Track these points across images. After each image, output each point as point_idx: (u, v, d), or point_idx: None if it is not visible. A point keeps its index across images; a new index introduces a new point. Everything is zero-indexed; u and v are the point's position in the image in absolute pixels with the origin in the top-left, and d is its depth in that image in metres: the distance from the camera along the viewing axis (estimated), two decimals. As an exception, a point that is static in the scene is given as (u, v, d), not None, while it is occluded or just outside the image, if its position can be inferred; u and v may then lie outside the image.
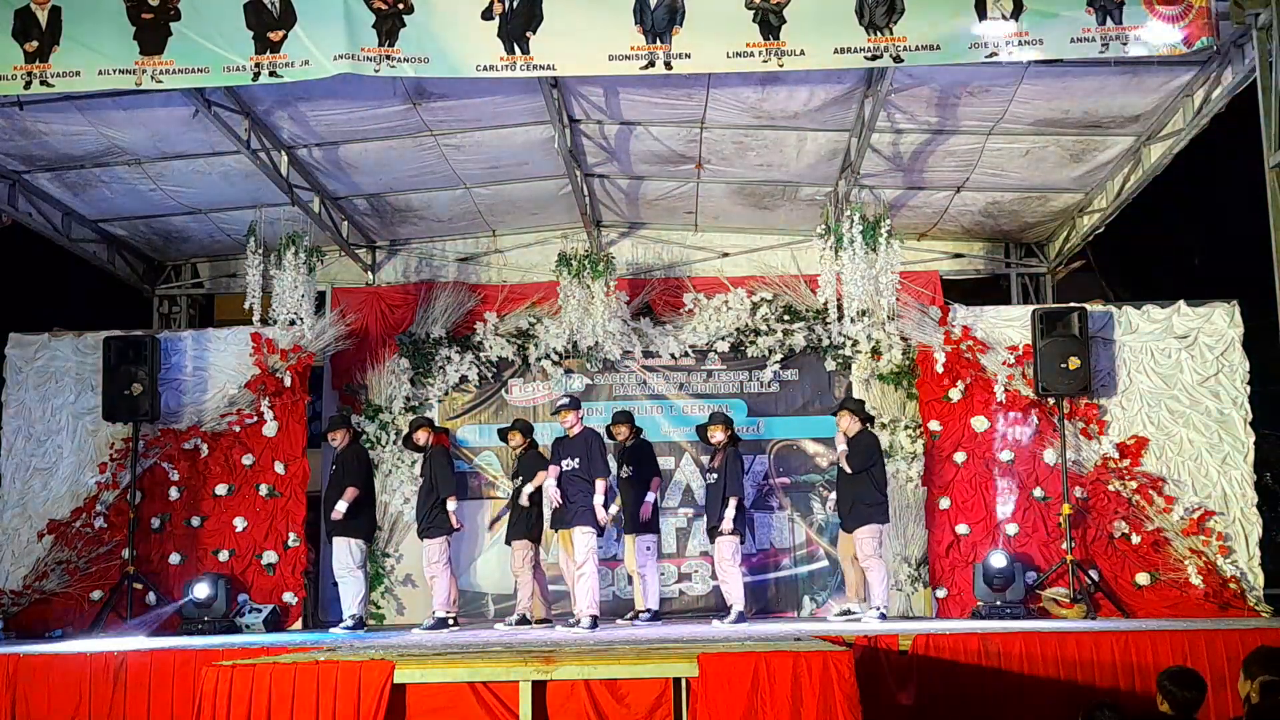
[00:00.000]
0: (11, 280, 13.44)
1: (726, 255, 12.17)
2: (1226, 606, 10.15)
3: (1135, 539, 10.50)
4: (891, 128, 9.65)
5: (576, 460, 9.63)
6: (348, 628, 10.22)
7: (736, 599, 9.98)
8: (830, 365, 11.63)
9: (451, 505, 10.24)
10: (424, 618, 10.49)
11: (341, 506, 10.28)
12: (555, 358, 11.75)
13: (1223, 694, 7.27)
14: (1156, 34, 7.80)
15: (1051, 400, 10.72)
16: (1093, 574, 10.39)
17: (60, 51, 7.96)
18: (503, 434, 10.85)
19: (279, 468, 11.08)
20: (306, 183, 10.66)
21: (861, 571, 9.96)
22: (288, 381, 11.15)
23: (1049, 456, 10.76)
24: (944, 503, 10.88)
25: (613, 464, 10.33)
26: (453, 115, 9.53)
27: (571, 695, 6.39)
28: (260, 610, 10.66)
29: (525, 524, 10.40)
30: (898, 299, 9.99)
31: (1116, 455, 10.73)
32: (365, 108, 9.30)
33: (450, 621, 10.18)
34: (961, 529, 10.79)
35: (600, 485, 9.55)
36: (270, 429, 11.10)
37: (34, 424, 11.30)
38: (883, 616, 9.64)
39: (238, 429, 11.19)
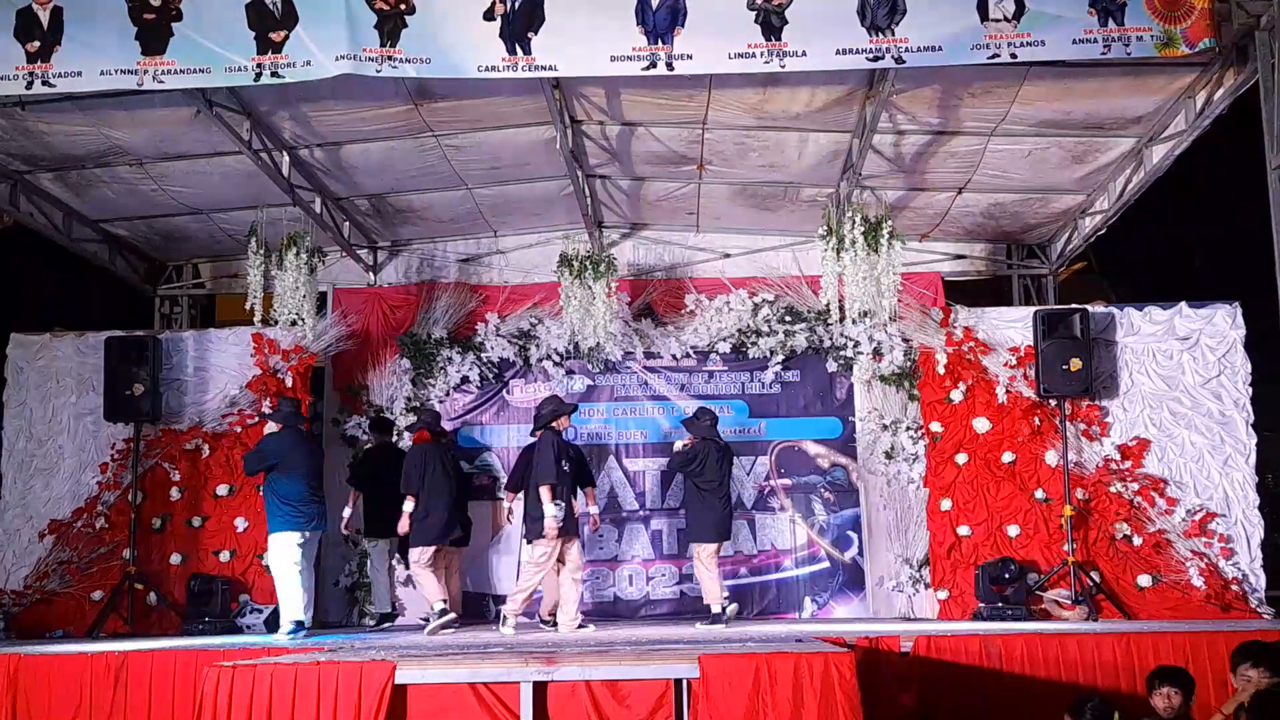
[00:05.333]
0: (13, 280, 13.45)
1: (728, 256, 12.16)
2: (1228, 608, 10.15)
3: (1137, 540, 10.50)
4: (893, 129, 9.65)
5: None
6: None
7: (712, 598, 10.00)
8: (832, 366, 11.62)
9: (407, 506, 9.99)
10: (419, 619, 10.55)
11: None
12: (557, 358, 11.74)
13: (1224, 696, 7.27)
14: (1158, 35, 7.82)
15: (1053, 402, 10.72)
16: (1094, 575, 10.39)
17: (62, 51, 7.98)
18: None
19: (280, 468, 11.07)
20: (308, 183, 10.67)
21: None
22: (289, 382, 11.14)
23: (1050, 458, 10.76)
24: (945, 504, 10.88)
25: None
26: (454, 116, 9.53)
27: (572, 696, 6.39)
28: (261, 611, 10.65)
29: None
30: (899, 300, 9.97)
31: (1118, 457, 10.73)
32: (367, 108, 9.29)
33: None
34: (963, 530, 10.79)
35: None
36: (271, 429, 11.08)
37: (35, 424, 11.30)
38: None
39: (239, 429, 11.18)
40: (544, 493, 9.45)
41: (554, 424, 9.89)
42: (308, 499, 9.75)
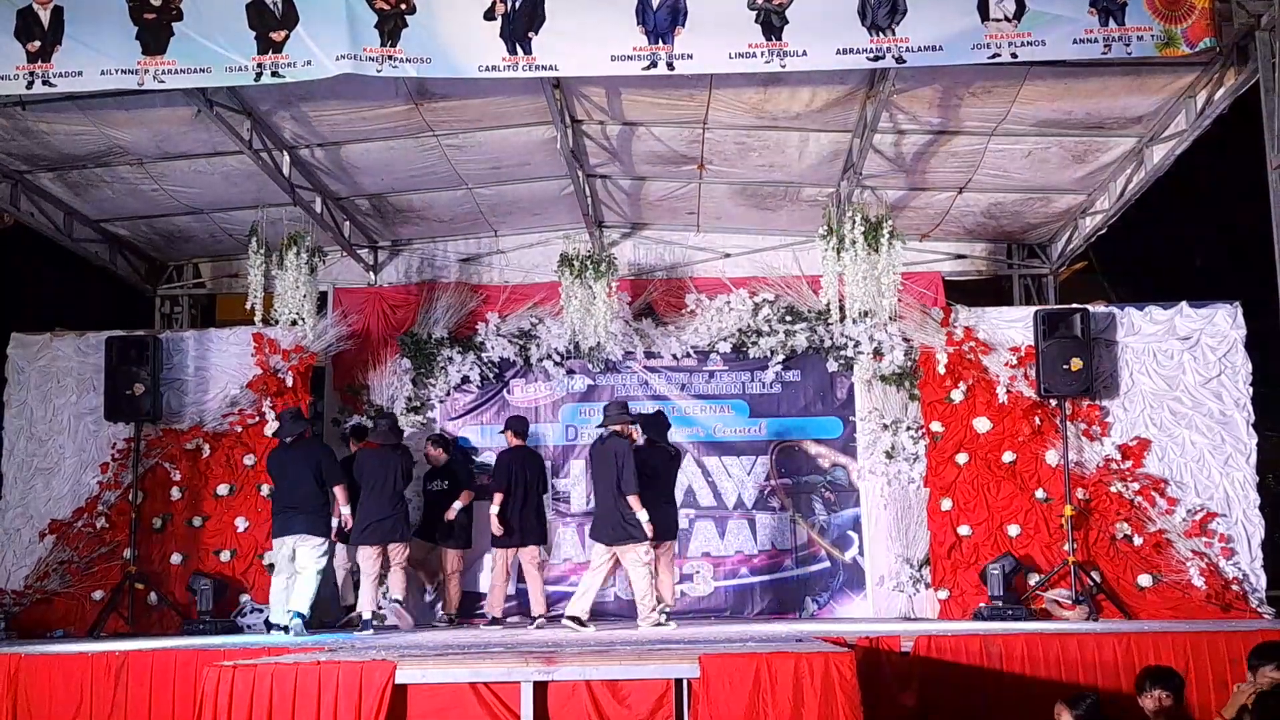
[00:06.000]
0: (14, 280, 13.45)
1: (728, 256, 12.16)
2: (1229, 608, 10.15)
3: (1137, 540, 10.50)
4: (894, 128, 9.64)
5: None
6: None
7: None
8: (832, 366, 11.61)
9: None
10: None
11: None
12: (557, 358, 11.74)
13: (1224, 696, 7.27)
14: (1158, 35, 7.82)
15: (1054, 401, 10.72)
16: (1095, 575, 10.39)
17: (62, 51, 7.98)
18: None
19: (280, 468, 11.07)
20: (308, 183, 10.66)
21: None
22: (289, 382, 11.14)
23: (1051, 458, 10.75)
24: (946, 504, 10.88)
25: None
26: (455, 115, 9.53)
27: (573, 696, 6.39)
28: (262, 610, 10.64)
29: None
30: (900, 300, 9.97)
31: (1119, 456, 10.73)
32: (367, 108, 9.29)
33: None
34: (963, 530, 10.79)
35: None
36: (272, 429, 11.09)
37: (36, 424, 11.30)
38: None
39: (239, 429, 11.18)
40: (634, 501, 9.63)
41: (619, 429, 9.98)
42: (279, 508, 10.12)
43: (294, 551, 9.96)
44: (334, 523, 10.16)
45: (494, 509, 10.36)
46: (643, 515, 9.62)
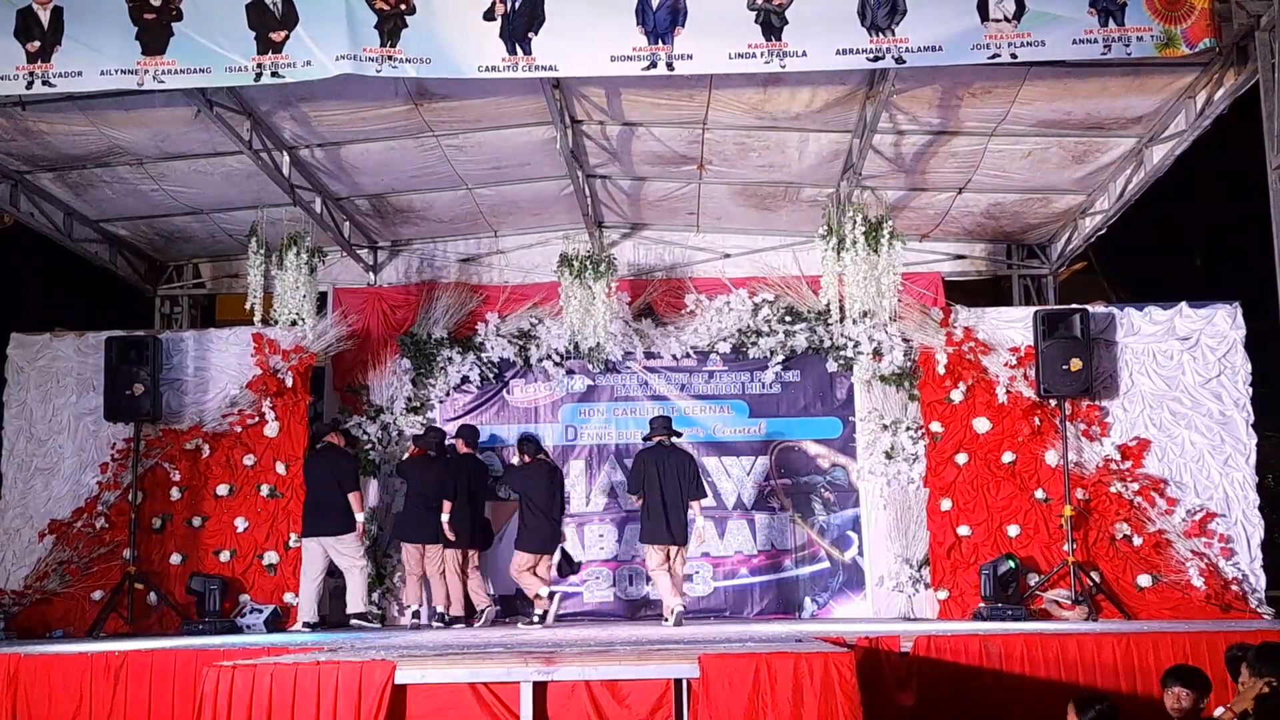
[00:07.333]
0: (13, 280, 13.46)
1: (728, 256, 12.16)
2: (1228, 608, 10.16)
3: (1137, 541, 10.50)
4: (893, 129, 9.65)
5: None
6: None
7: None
8: (832, 366, 11.62)
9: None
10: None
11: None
12: (557, 358, 11.74)
13: (1225, 697, 7.26)
14: (1158, 35, 7.82)
15: (1053, 402, 10.72)
16: (1094, 576, 10.39)
17: (62, 51, 7.98)
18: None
19: (280, 468, 11.08)
20: (308, 183, 10.66)
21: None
22: (289, 382, 11.15)
23: (1050, 458, 10.76)
24: (945, 504, 10.88)
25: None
26: (454, 116, 9.53)
27: (572, 696, 6.38)
28: (261, 610, 10.67)
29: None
30: (899, 300, 9.97)
31: (1118, 457, 10.73)
32: (367, 108, 9.29)
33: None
34: (963, 530, 10.79)
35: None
36: (271, 429, 11.10)
37: (35, 424, 11.31)
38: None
39: (239, 429, 11.19)
40: (696, 506, 10.37)
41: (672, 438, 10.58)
42: (306, 511, 10.61)
43: (325, 552, 10.41)
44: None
45: (444, 516, 10.50)
46: (700, 518, 10.38)
